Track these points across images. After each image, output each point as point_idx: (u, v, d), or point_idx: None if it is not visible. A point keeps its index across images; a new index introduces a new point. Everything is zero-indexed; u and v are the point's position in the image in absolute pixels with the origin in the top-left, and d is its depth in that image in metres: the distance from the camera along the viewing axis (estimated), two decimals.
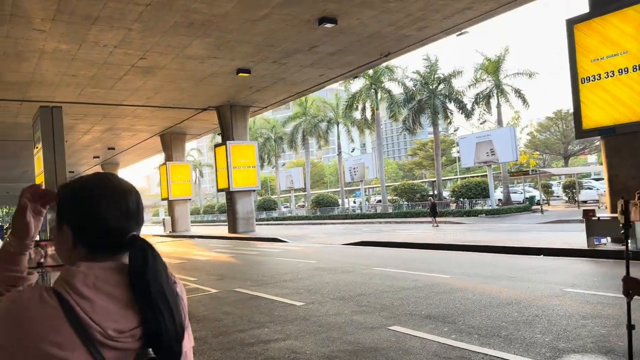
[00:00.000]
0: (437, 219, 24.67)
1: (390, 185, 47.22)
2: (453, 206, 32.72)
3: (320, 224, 35.43)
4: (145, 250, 1.06)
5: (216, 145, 27.17)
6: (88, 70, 17.73)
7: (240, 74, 19.35)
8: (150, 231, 42.11)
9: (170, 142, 32.75)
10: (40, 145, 4.58)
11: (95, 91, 20.54)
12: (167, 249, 20.86)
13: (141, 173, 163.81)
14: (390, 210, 35.31)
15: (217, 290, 9.09)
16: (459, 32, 18.30)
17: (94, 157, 41.19)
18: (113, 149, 36.84)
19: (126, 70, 18.08)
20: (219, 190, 27.79)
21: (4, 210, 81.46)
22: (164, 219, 38.18)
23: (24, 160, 38.40)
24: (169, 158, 33.09)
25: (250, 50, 16.88)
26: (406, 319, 6.03)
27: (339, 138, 46.59)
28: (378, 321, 5.99)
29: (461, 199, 31.89)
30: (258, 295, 8.21)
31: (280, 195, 58.28)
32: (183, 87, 21.10)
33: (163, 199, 34.74)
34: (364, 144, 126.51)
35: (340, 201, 45.97)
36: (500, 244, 12.97)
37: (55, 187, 4.61)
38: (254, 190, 28.12)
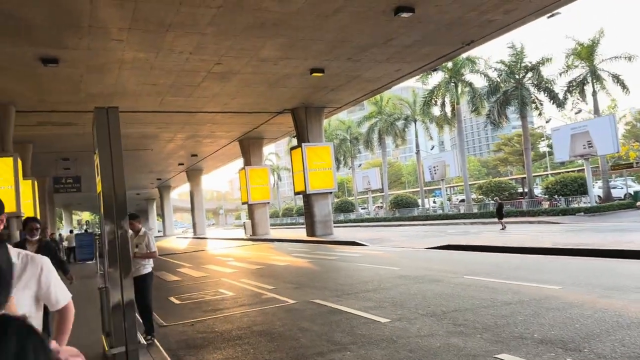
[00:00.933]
0: (520, 219, 22.72)
1: (475, 184, 44.94)
2: (546, 204, 30.26)
3: (400, 225, 34.24)
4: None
5: (292, 148, 26.95)
6: (167, 79, 18.03)
7: (314, 74, 18.87)
8: (232, 234, 43.04)
9: (249, 147, 33.14)
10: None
11: (175, 99, 20.96)
12: (246, 254, 20.81)
13: (224, 177, 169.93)
14: (475, 210, 33.38)
15: (294, 301, 8.50)
16: (550, 14, 16.61)
17: (179, 164, 42.76)
18: (196, 155, 37.99)
19: (203, 76, 18.20)
20: (296, 194, 27.56)
21: (97, 218, 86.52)
22: (244, 222, 38.76)
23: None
24: (247, 163, 33.49)
25: (324, 48, 16.32)
26: (516, 343, 5.04)
27: (417, 136, 45.06)
28: (481, 346, 5.06)
29: (555, 197, 29.40)
30: (338, 309, 7.50)
31: (357, 197, 57.53)
32: (258, 91, 21.00)
33: (243, 203, 35.20)
34: (442, 142, 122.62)
35: (419, 201, 44.39)
36: (612, 246, 11.35)
37: (113, 196, 4.19)
38: (331, 193, 27.59)
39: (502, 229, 21.36)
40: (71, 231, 34.61)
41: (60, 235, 30.99)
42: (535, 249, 12.83)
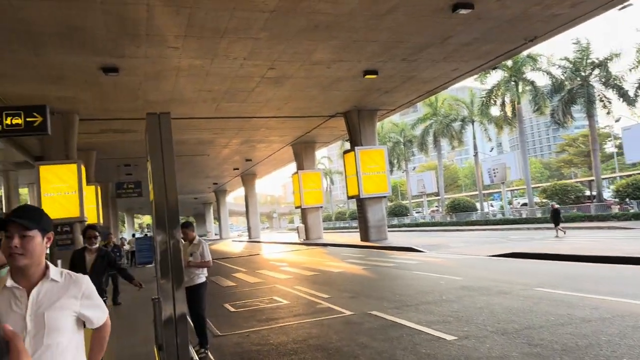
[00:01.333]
0: (572, 224, 21.26)
1: (538, 187, 42.92)
2: (616, 208, 28.36)
3: (457, 230, 33.13)
4: None
5: (345, 152, 26.63)
6: (222, 85, 18.19)
7: (367, 76, 18.48)
8: (285, 238, 43.22)
9: (301, 151, 33.14)
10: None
11: (229, 105, 21.15)
12: (300, 259, 20.65)
13: (278, 181, 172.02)
14: (538, 215, 31.78)
15: (351, 312, 8.15)
16: (622, 5, 15.46)
17: (234, 169, 43.43)
18: (250, 160, 38.43)
19: (257, 82, 18.23)
20: (349, 198, 27.20)
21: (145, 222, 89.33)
22: (297, 226, 38.78)
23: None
24: (300, 167, 33.49)
25: (377, 49, 15.92)
26: None
27: (474, 137, 43.59)
28: None
29: (627, 200, 27.48)
30: (398, 323, 7.09)
31: (412, 201, 56.42)
32: (311, 95, 20.85)
33: (296, 207, 35.23)
34: (500, 143, 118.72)
35: (478, 205, 42.89)
36: None
37: (164, 203, 4.00)
38: (385, 197, 27.03)
39: (557, 236, 20.12)
40: (133, 235, 35.80)
41: (121, 239, 32.08)
42: (610, 258, 11.84)
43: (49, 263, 2.05)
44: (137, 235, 36.08)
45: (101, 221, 30.78)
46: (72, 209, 18.96)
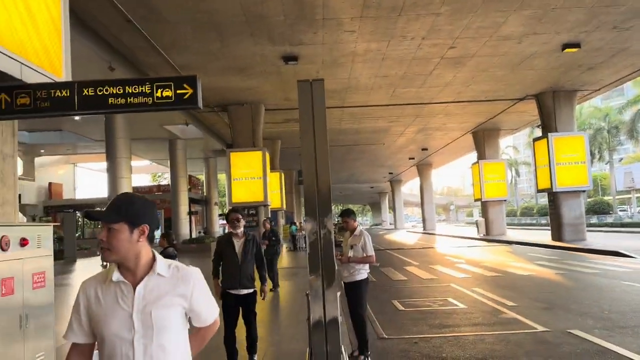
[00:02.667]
0: None
1: None
2: None
3: None
4: None
5: (535, 139, 23.76)
6: (398, 69, 17.44)
7: (567, 50, 15.91)
8: (462, 232, 40.95)
9: (483, 139, 30.78)
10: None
11: (406, 91, 20.33)
12: (479, 256, 18.93)
13: (455, 172, 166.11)
14: None
15: (545, 328, 6.72)
16: None
17: (409, 158, 42.60)
18: (426, 149, 37.16)
19: (435, 63, 17.06)
20: (539, 191, 24.27)
21: (337, 207, 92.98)
22: (477, 220, 36.43)
23: (349, 163, 42.63)
24: (481, 156, 31.15)
25: (581, 16, 13.47)
26: None
27: None
28: None
29: None
30: (609, 349, 5.53)
31: (616, 197, 48.80)
32: (497, 76, 18.86)
33: (476, 200, 32.93)
34: None
35: None
36: None
37: (314, 186, 3.34)
38: (584, 191, 23.42)
39: None
40: (305, 220, 37.40)
41: (301, 223, 33.67)
42: None
43: (157, 255, 1.87)
44: None
45: (284, 206, 32.71)
46: (257, 194, 20.25)
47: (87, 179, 44.83)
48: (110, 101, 3.98)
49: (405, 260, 18.37)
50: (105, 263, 14.26)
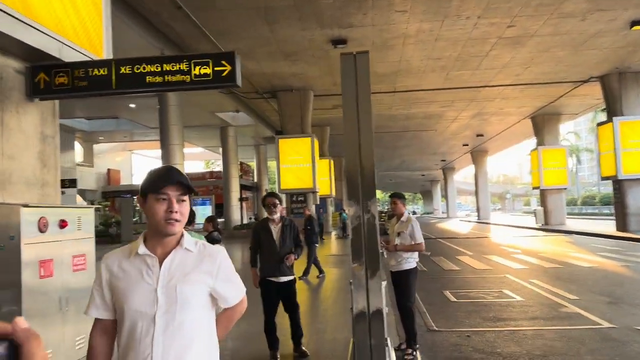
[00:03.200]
0: None
1: None
2: None
3: None
4: None
5: (599, 124, 22.35)
6: (452, 51, 16.75)
7: (635, 27, 14.78)
8: (519, 222, 39.43)
9: (542, 125, 29.36)
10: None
11: (460, 74, 19.55)
12: (537, 247, 18.06)
13: (511, 160, 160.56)
14: None
15: (610, 324, 6.19)
16: None
17: (463, 145, 41.39)
18: (481, 135, 35.90)
19: (492, 44, 16.25)
20: (602, 179, 22.88)
21: (386, 195, 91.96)
22: (535, 209, 34.96)
23: (400, 150, 41.88)
24: (540, 142, 29.75)
25: None
26: None
27: None
28: None
29: None
30: None
31: None
32: (558, 57, 17.78)
33: (534, 188, 31.52)
34: None
35: None
36: None
37: (357, 167, 3.09)
38: None
39: None
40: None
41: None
42: None
43: (184, 231, 1.82)
44: None
45: (334, 193, 32.57)
46: (305, 180, 20.19)
47: (143, 166, 46.36)
48: (147, 79, 3.88)
49: (458, 249, 17.79)
50: None
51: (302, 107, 20.84)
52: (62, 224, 3.83)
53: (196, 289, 1.75)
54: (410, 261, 5.15)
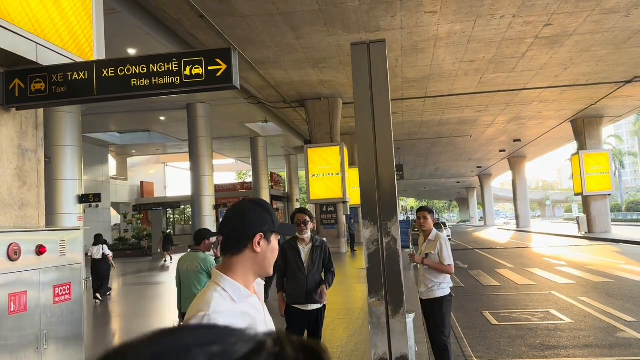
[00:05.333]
0: None
1: None
2: None
3: None
4: None
5: None
6: (486, 53, 15.98)
7: None
8: (560, 230, 37.72)
9: (583, 128, 28.01)
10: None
11: (495, 77, 18.70)
12: (583, 258, 16.92)
13: (550, 165, 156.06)
14: None
15: None
16: None
17: (500, 151, 40.08)
18: (519, 140, 34.62)
19: (528, 44, 15.41)
20: None
21: (420, 204, 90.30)
22: (577, 217, 33.33)
23: (434, 157, 40.88)
24: (581, 147, 28.36)
25: None
26: None
27: None
28: None
29: None
30: None
31: None
32: (599, 56, 16.76)
33: (576, 194, 30.03)
34: None
35: None
36: None
37: (374, 179, 2.55)
38: None
39: None
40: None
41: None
42: None
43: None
44: (401, 218, 36.40)
45: None
46: (335, 190, 19.64)
47: (176, 178, 46.82)
48: (132, 83, 3.43)
49: (496, 261, 16.82)
50: (99, 297, 11.91)
51: (331, 115, 20.37)
52: (40, 250, 3.40)
53: None
54: (443, 287, 4.47)
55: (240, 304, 1.45)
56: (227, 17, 12.36)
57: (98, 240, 11.64)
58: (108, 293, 12.01)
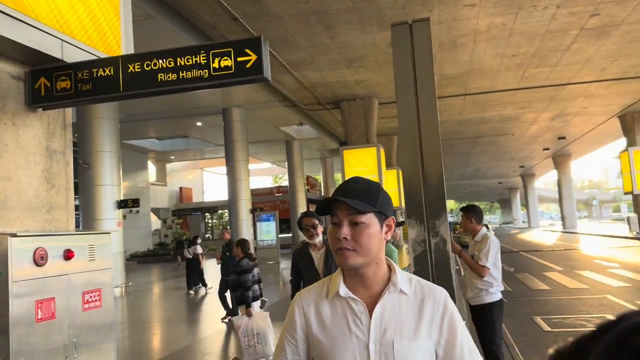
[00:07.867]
0: None
1: None
2: None
3: None
4: None
5: None
6: (528, 46, 15.36)
7: None
8: (609, 230, 36.13)
9: (633, 124, 26.76)
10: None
11: (538, 71, 17.99)
12: (635, 259, 15.99)
13: (596, 163, 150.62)
14: None
15: None
16: None
17: (544, 149, 38.84)
18: (563, 138, 33.40)
19: (573, 36, 14.71)
20: None
21: (459, 205, 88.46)
22: (627, 216, 31.85)
23: (475, 157, 39.91)
24: (631, 143, 27.07)
25: None
26: None
27: None
28: None
29: None
30: None
31: None
32: None
33: (626, 193, 28.62)
34: None
35: None
36: None
37: (419, 173, 2.29)
38: None
39: None
40: None
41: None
42: None
43: (394, 265, 1.43)
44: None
45: (403, 205, 31.37)
46: None
47: (213, 183, 47.40)
48: (159, 77, 3.28)
49: (544, 264, 16.10)
50: (192, 289, 14.06)
51: (367, 116, 20.08)
52: (68, 255, 3.29)
53: (420, 347, 1.35)
54: (493, 292, 4.10)
55: (325, 302, 1.50)
56: (260, 19, 12.29)
57: (192, 242, 14.43)
58: (198, 285, 14.00)
